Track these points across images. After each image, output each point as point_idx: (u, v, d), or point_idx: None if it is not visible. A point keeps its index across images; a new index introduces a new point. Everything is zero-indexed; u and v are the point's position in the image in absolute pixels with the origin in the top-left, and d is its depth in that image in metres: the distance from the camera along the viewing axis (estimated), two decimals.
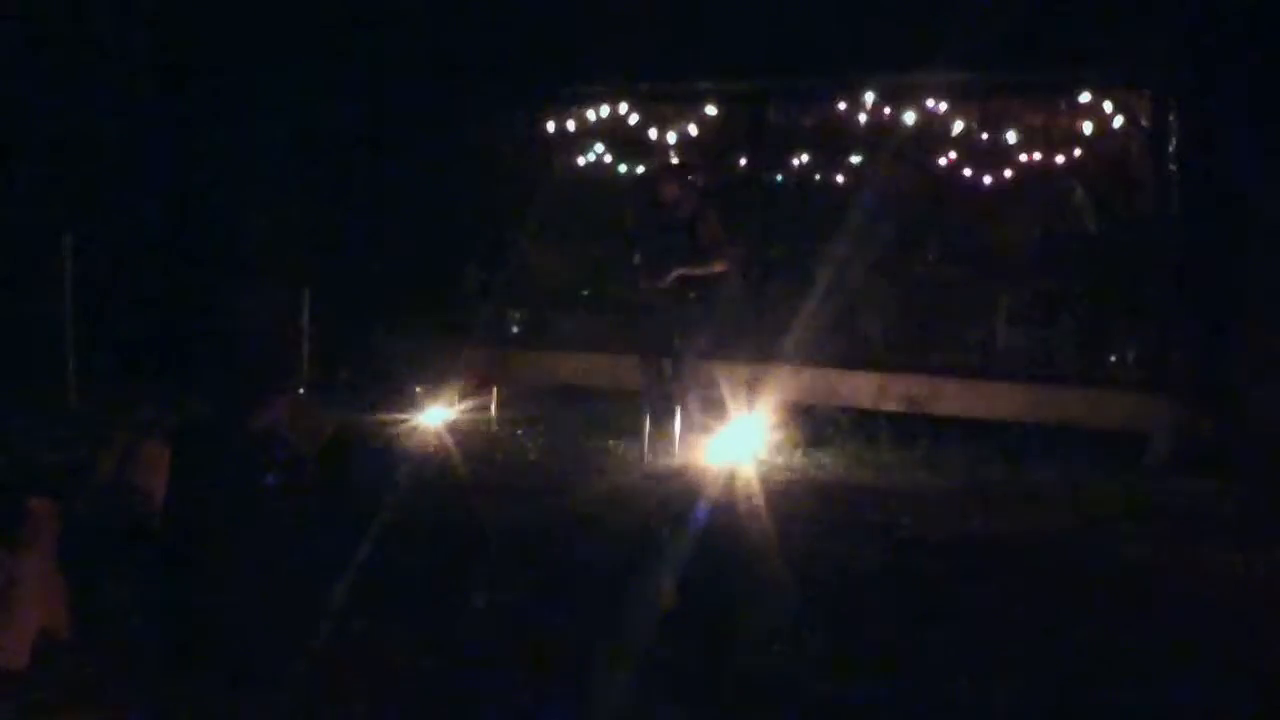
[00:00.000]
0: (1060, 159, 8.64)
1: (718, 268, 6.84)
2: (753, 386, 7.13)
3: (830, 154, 9.15)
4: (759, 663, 3.39)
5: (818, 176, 9.37)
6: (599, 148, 9.36)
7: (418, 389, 7.35)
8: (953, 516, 5.29)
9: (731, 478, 5.74)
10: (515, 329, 8.81)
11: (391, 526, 4.44)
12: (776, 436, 6.72)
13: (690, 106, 8.85)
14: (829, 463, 6.44)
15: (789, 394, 7.13)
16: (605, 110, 8.82)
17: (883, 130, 8.19)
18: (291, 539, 4.22)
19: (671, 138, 9.26)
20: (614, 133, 9.12)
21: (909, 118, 8.01)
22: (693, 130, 9.11)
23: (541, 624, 3.64)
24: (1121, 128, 7.89)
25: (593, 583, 4.02)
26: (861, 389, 7.39)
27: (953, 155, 8.85)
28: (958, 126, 8.47)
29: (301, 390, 7.57)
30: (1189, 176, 6.99)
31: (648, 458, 6.40)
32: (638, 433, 6.61)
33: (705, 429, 6.64)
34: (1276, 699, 3.33)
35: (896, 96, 8.00)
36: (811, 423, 7.08)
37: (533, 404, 7.77)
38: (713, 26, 7.84)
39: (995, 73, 7.64)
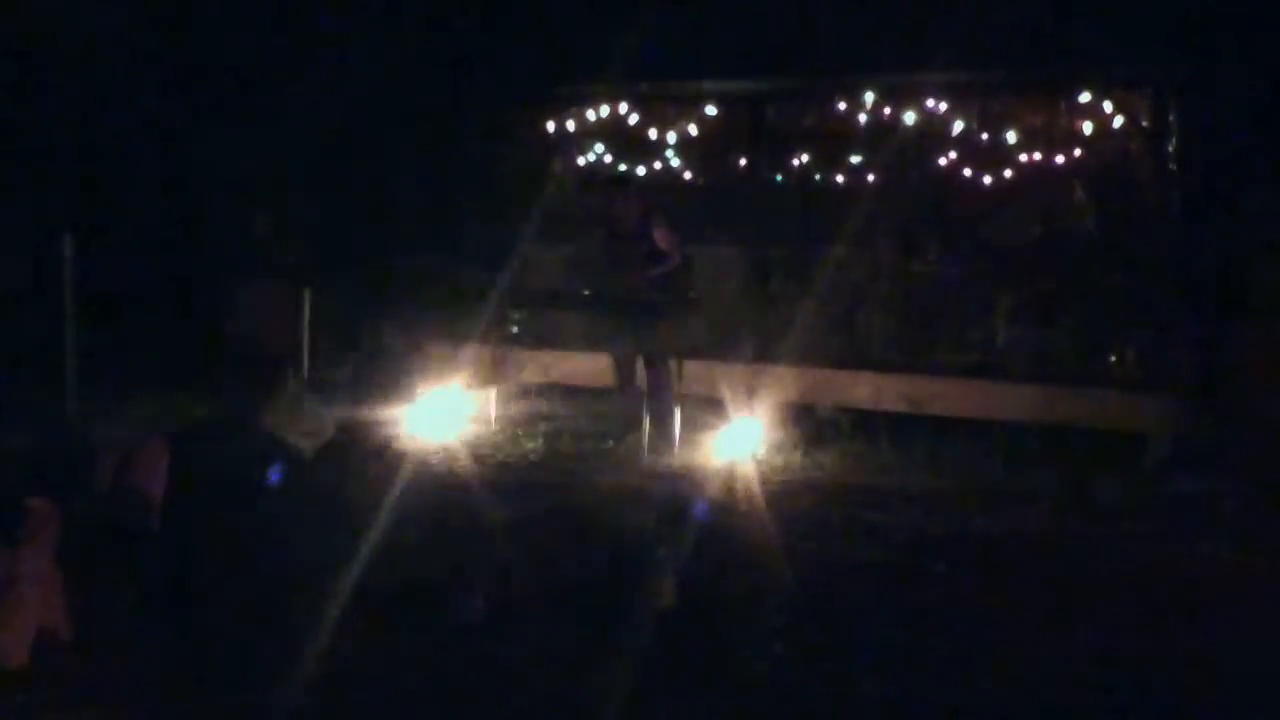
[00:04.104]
0: (1060, 159, 8.62)
1: (675, 258, 6.96)
2: (753, 386, 7.13)
3: (830, 154, 9.14)
4: (759, 663, 3.39)
5: (818, 176, 9.36)
6: (599, 148, 9.35)
7: (418, 389, 7.35)
8: (953, 516, 5.29)
9: (731, 477, 5.74)
10: (515, 329, 8.80)
11: (391, 526, 4.44)
12: (776, 436, 6.72)
13: (690, 106, 8.85)
14: (829, 463, 6.43)
15: (789, 394, 7.12)
16: (605, 110, 8.81)
17: (883, 130, 8.19)
18: (291, 539, 4.22)
19: (671, 138, 9.26)
20: (614, 133, 9.11)
21: (909, 118, 8.00)
22: (693, 130, 9.10)
23: (541, 624, 3.65)
24: (1121, 128, 7.89)
25: (592, 582, 4.03)
26: (861, 389, 7.38)
27: (953, 155, 8.84)
28: (958, 126, 8.45)
29: (301, 390, 7.57)
30: (1189, 176, 6.98)
31: (648, 457, 6.40)
32: (638, 432, 6.61)
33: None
34: (1277, 699, 3.33)
35: (896, 96, 7.99)
36: (811, 423, 7.08)
37: (533, 404, 7.77)
38: (713, 26, 7.83)
39: (995, 73, 7.63)
